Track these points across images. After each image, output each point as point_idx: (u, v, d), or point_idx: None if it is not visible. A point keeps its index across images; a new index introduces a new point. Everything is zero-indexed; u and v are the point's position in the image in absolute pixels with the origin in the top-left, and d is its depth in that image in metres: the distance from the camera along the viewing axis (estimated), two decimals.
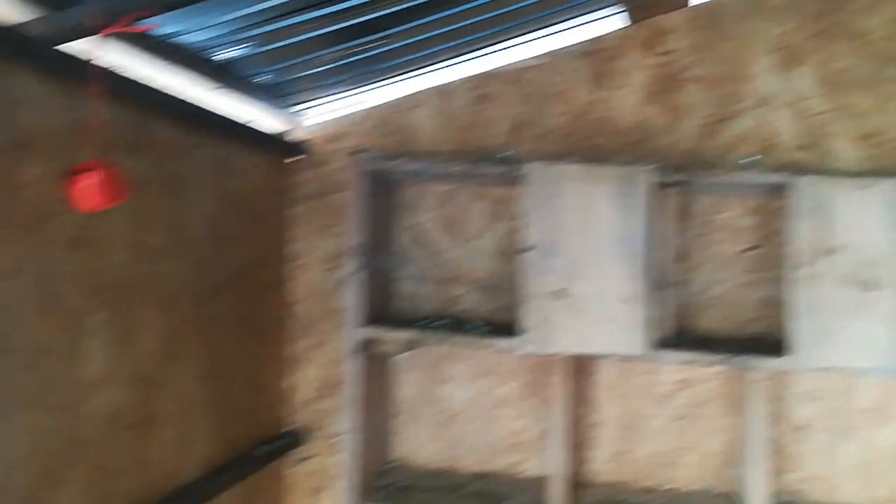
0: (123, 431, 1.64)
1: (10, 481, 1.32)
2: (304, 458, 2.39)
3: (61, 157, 1.40)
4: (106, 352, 1.57)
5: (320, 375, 2.39)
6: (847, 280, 1.87)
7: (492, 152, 2.24)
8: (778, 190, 2.01)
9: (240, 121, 2.04)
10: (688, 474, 2.27)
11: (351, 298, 2.09)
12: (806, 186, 1.92)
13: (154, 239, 1.72)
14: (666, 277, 2.10)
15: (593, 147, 2.24)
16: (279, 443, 2.30)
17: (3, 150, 1.31)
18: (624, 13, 2.18)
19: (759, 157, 2.16)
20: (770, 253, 2.19)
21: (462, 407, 2.35)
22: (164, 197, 1.76)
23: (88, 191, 1.34)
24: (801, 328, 1.90)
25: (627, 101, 2.25)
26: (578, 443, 2.29)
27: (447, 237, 2.34)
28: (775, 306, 2.15)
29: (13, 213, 1.33)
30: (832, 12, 2.16)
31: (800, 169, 2.14)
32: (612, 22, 2.24)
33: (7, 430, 1.32)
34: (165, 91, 1.70)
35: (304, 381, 2.40)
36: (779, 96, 2.19)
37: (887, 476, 2.19)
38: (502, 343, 2.05)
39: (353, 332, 2.08)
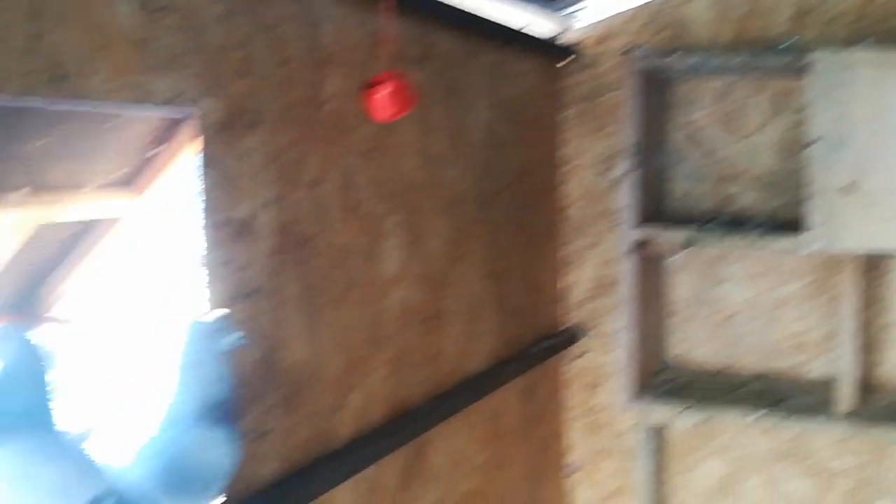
0: (417, 326, 1.77)
1: (323, 370, 1.48)
2: (580, 355, 2.47)
3: (357, 72, 1.50)
4: (400, 252, 1.70)
5: (594, 275, 2.43)
6: None
7: (773, 42, 2.13)
8: None
9: (513, 27, 2.08)
10: None
11: (624, 199, 2.10)
12: None
13: (438, 146, 1.82)
14: None
15: (887, 30, 2.06)
16: (556, 340, 2.39)
17: (309, 69, 1.43)
18: None
19: None
20: None
21: (740, 307, 2.31)
22: (446, 106, 1.84)
23: (383, 101, 1.44)
24: None
25: None
26: (868, 344, 2.19)
27: (724, 134, 2.27)
28: None
29: (318, 126, 1.46)
30: None
31: None
32: None
33: (320, 323, 1.48)
34: (446, 2, 1.77)
35: (579, 280, 2.45)
36: None
37: None
38: (784, 242, 1.98)
39: (627, 233, 2.10)
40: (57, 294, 2.97)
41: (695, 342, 2.37)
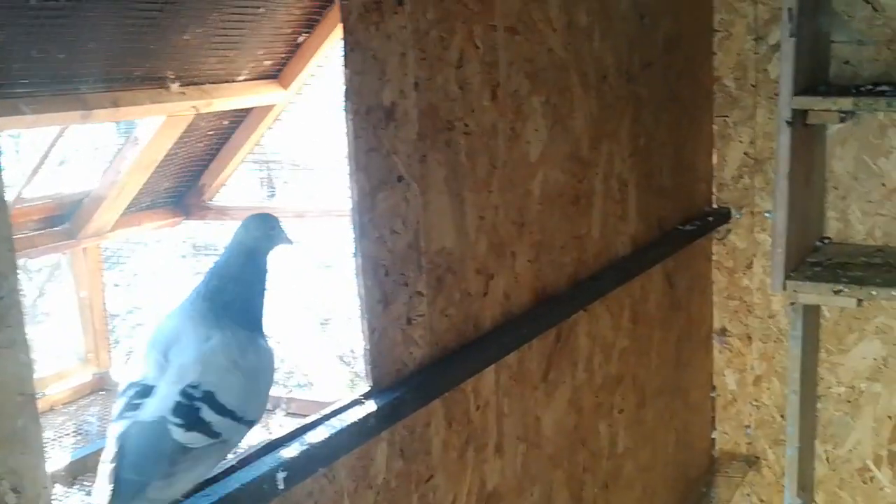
0: (561, 208, 1.73)
1: (469, 254, 1.47)
2: (731, 234, 2.38)
3: None
4: (544, 133, 1.64)
5: (749, 151, 2.32)
6: None
7: None
8: None
9: None
10: None
11: (782, 67, 1.96)
12: None
13: (583, 18, 1.73)
14: None
15: None
16: (706, 219, 2.30)
17: None
18: None
19: None
20: None
21: None
22: None
23: None
24: None
25: None
26: None
27: None
28: None
29: (462, 1, 1.40)
30: None
31: None
32: None
33: (466, 208, 1.45)
34: None
35: (732, 156, 2.34)
36: None
37: None
38: None
39: (784, 103, 1.96)
40: (214, 185, 3.06)
41: (854, 219, 2.24)
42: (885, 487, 2.31)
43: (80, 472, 2.62)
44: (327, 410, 1.22)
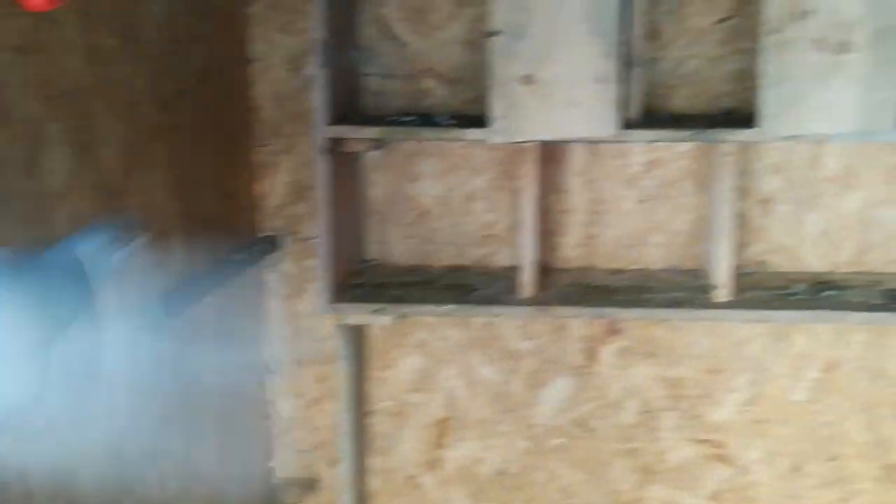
0: None
1: None
2: (280, 263, 2.40)
3: None
4: (67, 162, 1.51)
5: (291, 179, 2.36)
6: (819, 44, 1.85)
7: None
8: None
9: None
10: (656, 254, 2.33)
11: (316, 97, 2.02)
12: None
13: (106, 43, 1.63)
14: (636, 55, 2.06)
15: None
16: (255, 248, 2.30)
17: None
18: None
19: None
20: (744, 23, 2.15)
21: (433, 203, 2.35)
22: None
23: None
24: (771, 97, 1.89)
25: None
26: (549, 230, 2.32)
27: (412, 28, 2.26)
28: (748, 78, 2.14)
29: None
30: None
31: None
32: None
33: None
34: None
35: (275, 185, 2.37)
36: None
37: (848, 242, 2.27)
38: (472, 134, 2.02)
39: (319, 132, 2.04)
40: None
41: (392, 241, 2.39)
42: (429, 492, 2.49)
43: None
44: None
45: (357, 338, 2.32)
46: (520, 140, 1.98)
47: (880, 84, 1.86)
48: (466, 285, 2.24)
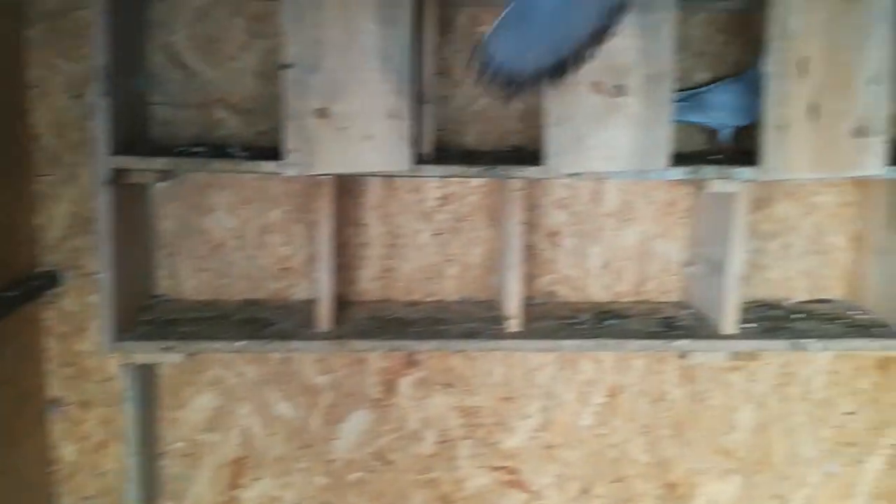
0: None
1: None
2: (61, 299, 2.26)
3: None
4: None
5: (72, 211, 2.23)
6: (596, 87, 1.96)
7: None
8: None
9: None
10: (451, 286, 2.38)
11: (98, 126, 1.93)
12: None
13: None
14: (428, 93, 2.10)
15: None
16: (32, 284, 2.15)
17: None
18: None
19: None
20: None
21: (227, 236, 2.29)
22: None
23: None
24: (555, 136, 1.98)
25: None
26: (346, 263, 2.32)
27: (203, 57, 2.21)
28: (534, 118, 2.23)
29: None
30: None
31: None
32: None
33: None
34: None
35: (55, 217, 2.23)
36: None
37: (628, 273, 2.40)
38: (265, 166, 1.99)
39: (102, 163, 1.94)
40: None
41: (184, 275, 2.31)
42: None
43: None
44: None
45: (145, 377, 2.22)
46: (314, 173, 1.97)
47: (653, 126, 1.99)
48: (262, 320, 2.19)
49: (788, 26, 1.95)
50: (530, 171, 2.04)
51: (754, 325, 2.23)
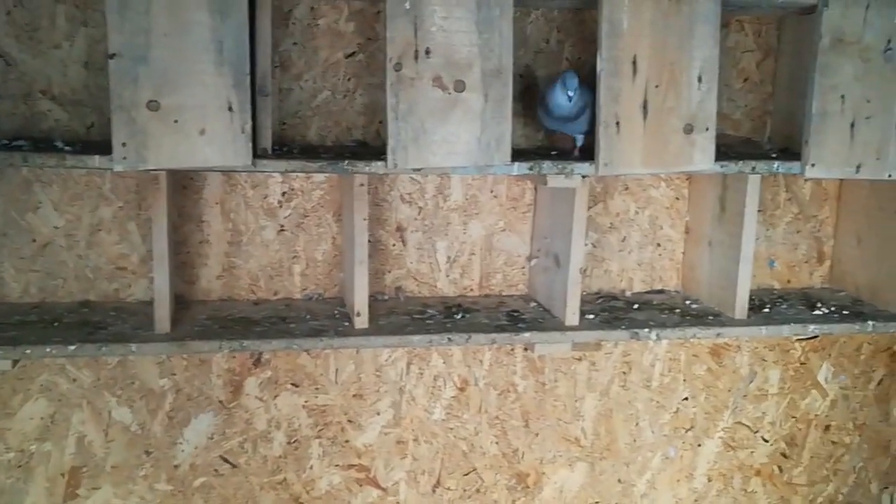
0: None
1: None
2: None
3: None
4: None
5: None
6: (438, 82, 1.96)
7: None
8: None
9: None
10: (297, 283, 2.33)
11: None
12: None
13: None
14: (266, 86, 2.05)
15: None
16: None
17: None
18: None
19: None
20: (372, 58, 2.23)
21: (56, 235, 2.18)
22: None
23: None
24: (398, 131, 1.97)
25: None
26: (185, 262, 2.25)
27: (24, 46, 2.08)
28: (377, 113, 2.22)
29: None
30: None
31: None
32: None
33: None
34: None
35: None
36: None
37: (474, 267, 2.42)
38: (93, 161, 1.89)
39: None
40: None
41: (8, 277, 2.17)
42: None
43: None
44: None
45: None
46: (146, 168, 1.88)
47: (493, 121, 2.00)
48: (96, 322, 2.09)
49: (618, 25, 2.00)
50: (374, 167, 2.02)
51: (596, 316, 2.28)
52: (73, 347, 1.96)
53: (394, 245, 2.36)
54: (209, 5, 1.84)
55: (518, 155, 2.07)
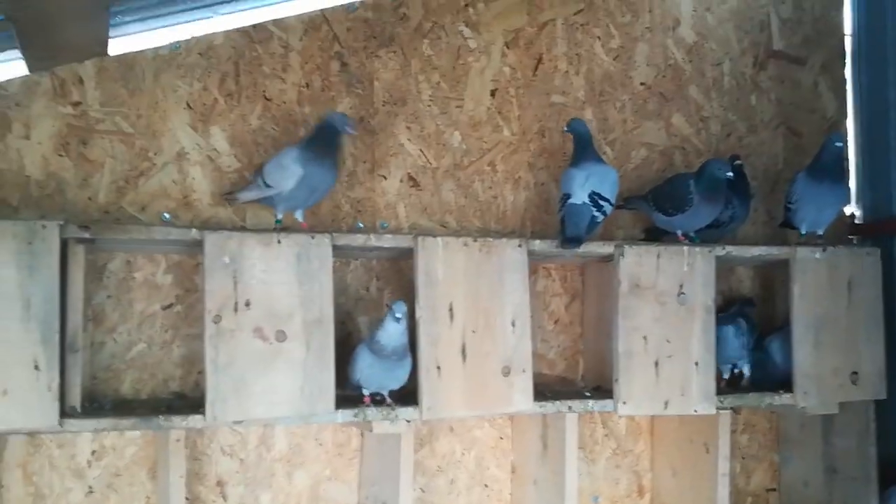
0: None
1: None
2: None
3: None
4: None
5: None
6: (259, 333, 1.96)
7: None
8: (195, 246, 2.02)
9: None
10: None
11: None
12: (218, 242, 1.96)
13: None
14: (77, 341, 1.98)
15: None
16: None
17: None
18: (22, 62, 2.05)
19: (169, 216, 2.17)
20: (190, 309, 2.20)
21: None
22: None
23: None
24: (218, 383, 1.93)
25: (35, 151, 2.11)
26: None
27: None
28: (196, 363, 2.17)
29: None
30: (245, 73, 2.28)
31: (215, 225, 2.20)
32: (17, 67, 2.09)
33: None
34: None
35: None
36: (194, 153, 2.23)
37: None
38: None
39: None
40: None
41: None
42: None
43: None
44: None
45: None
46: None
47: (316, 369, 2.00)
48: None
49: (433, 274, 2.09)
50: (192, 420, 1.95)
51: None
52: None
53: (213, 502, 2.24)
54: (17, 260, 1.79)
55: (343, 401, 2.06)
